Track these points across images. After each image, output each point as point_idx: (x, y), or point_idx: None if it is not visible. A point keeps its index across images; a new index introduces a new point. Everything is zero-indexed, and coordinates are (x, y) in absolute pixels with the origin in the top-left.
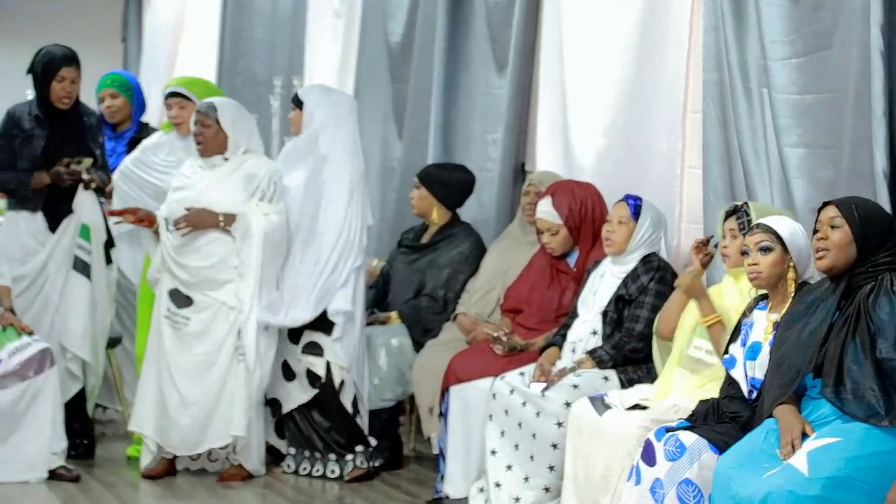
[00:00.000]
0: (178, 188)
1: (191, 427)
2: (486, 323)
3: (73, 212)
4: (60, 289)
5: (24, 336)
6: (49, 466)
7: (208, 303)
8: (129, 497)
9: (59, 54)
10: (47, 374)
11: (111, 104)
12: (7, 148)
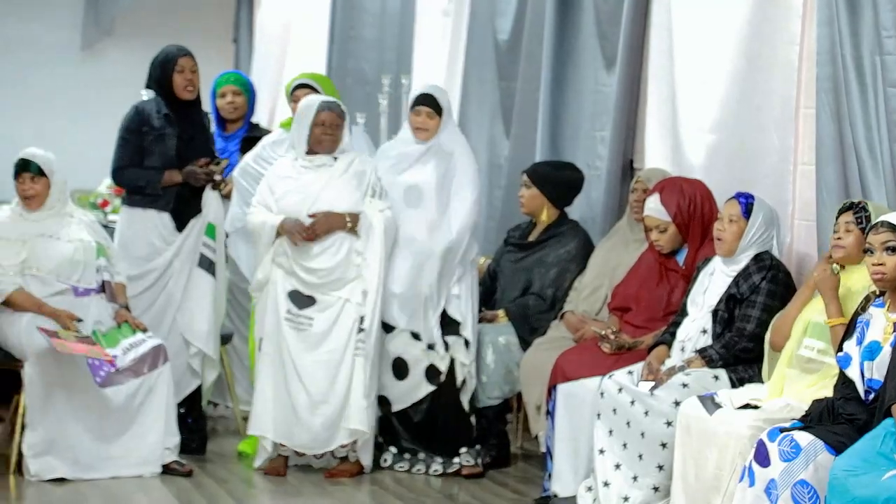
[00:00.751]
0: (289, 191)
1: (323, 426)
2: (593, 321)
3: (200, 212)
4: (184, 286)
5: (138, 333)
6: (162, 461)
7: (331, 301)
8: (241, 492)
9: (174, 49)
10: (161, 371)
11: (233, 101)
12: (135, 144)
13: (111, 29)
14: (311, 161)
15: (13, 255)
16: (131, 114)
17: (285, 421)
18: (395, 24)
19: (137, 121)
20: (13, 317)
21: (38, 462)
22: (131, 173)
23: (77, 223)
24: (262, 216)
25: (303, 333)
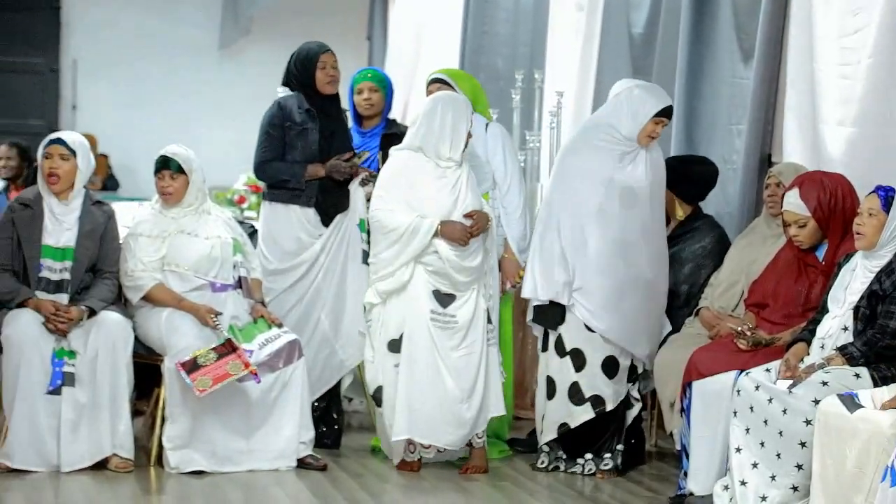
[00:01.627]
0: (436, 191)
1: (472, 419)
2: (729, 317)
3: (346, 208)
4: (336, 282)
5: (274, 328)
6: (298, 455)
7: (466, 296)
8: (376, 487)
9: (314, 45)
10: (296, 365)
11: (370, 97)
12: (278, 139)
13: (249, 28)
14: (449, 161)
15: (153, 252)
16: (274, 109)
17: (435, 420)
18: (528, 20)
19: (280, 116)
20: (153, 312)
21: (177, 455)
22: (275, 167)
23: (214, 220)
24: (407, 216)
25: (448, 331)
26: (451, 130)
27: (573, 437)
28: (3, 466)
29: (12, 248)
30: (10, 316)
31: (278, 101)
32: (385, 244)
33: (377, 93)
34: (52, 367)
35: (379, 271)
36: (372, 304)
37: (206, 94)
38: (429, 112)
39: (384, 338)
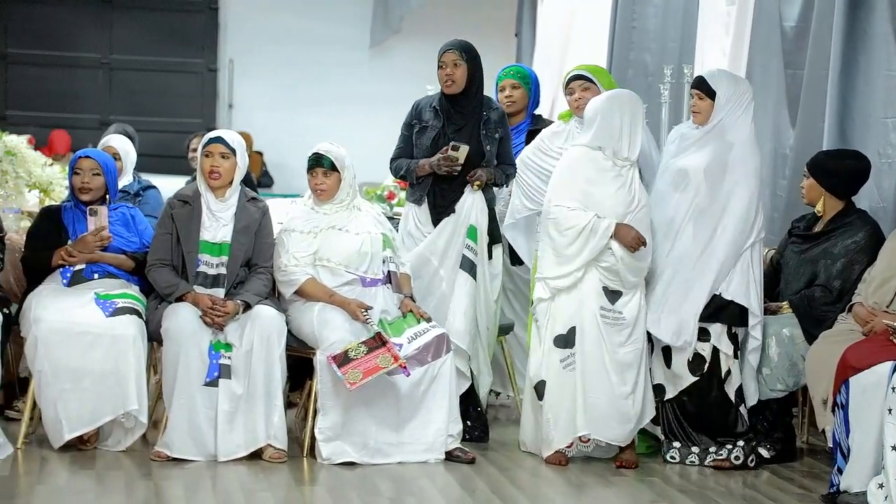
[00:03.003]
0: (611, 192)
1: (637, 414)
2: (884, 313)
3: (454, 212)
4: (443, 285)
5: (422, 322)
6: (446, 448)
7: (632, 293)
8: (524, 481)
9: (444, 44)
10: (444, 359)
11: (511, 94)
12: (408, 138)
13: (399, 27)
14: (626, 160)
15: (306, 247)
16: (410, 109)
17: (602, 416)
18: (677, 14)
19: (412, 115)
20: (305, 306)
21: (329, 446)
22: (397, 164)
23: (365, 216)
24: (585, 216)
25: (616, 327)
26: (630, 130)
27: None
28: (163, 455)
29: (171, 244)
30: (169, 309)
31: (417, 100)
32: (563, 242)
33: (518, 89)
34: (209, 359)
35: (550, 267)
36: (541, 299)
37: (356, 91)
38: (606, 111)
39: (551, 333)
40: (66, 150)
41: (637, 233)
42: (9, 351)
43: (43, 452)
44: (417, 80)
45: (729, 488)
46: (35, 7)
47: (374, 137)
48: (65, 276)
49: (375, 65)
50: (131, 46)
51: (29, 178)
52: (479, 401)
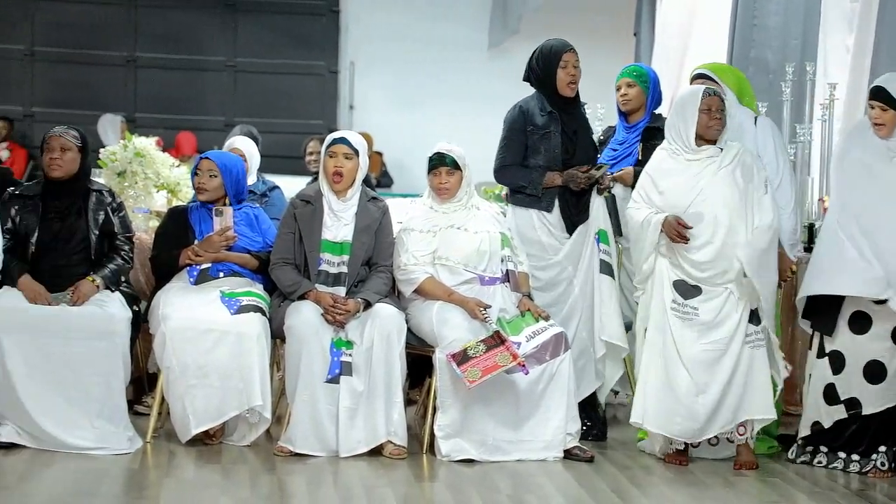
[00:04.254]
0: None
1: (705, 414)
2: None
3: (587, 219)
4: (588, 294)
5: (540, 321)
6: (564, 446)
7: (717, 292)
8: (642, 480)
9: (558, 43)
10: (563, 358)
11: (626, 93)
12: (519, 143)
13: (517, 28)
14: (699, 153)
15: (425, 246)
16: (515, 113)
17: (666, 410)
18: (799, 10)
19: (521, 120)
20: (424, 304)
21: (448, 443)
22: (514, 173)
23: (483, 215)
24: (643, 213)
25: (688, 323)
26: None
27: (843, 433)
28: (286, 450)
29: (294, 243)
30: (291, 307)
31: (519, 104)
32: (632, 240)
33: (633, 88)
34: (330, 356)
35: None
36: (639, 293)
37: (474, 92)
38: (673, 107)
39: (640, 325)
40: (192, 152)
41: (677, 223)
42: (138, 347)
43: (171, 446)
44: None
45: (850, 489)
46: (163, 12)
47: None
48: (191, 274)
49: (494, 66)
50: (255, 49)
51: (157, 179)
52: (599, 399)
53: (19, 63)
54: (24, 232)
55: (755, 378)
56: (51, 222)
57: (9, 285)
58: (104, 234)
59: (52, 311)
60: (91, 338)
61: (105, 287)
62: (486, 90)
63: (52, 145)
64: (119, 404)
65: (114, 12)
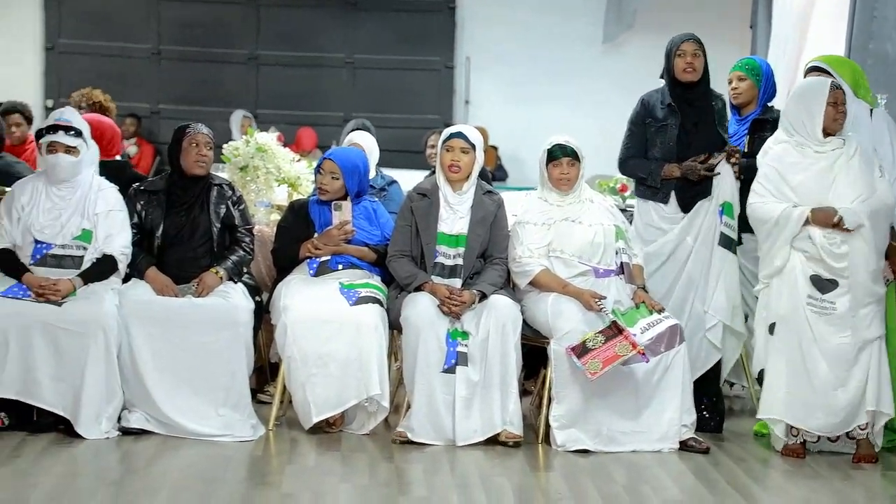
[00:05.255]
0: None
1: (844, 408)
2: None
3: (710, 194)
4: (705, 264)
5: (655, 313)
6: (680, 438)
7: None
8: (758, 472)
9: (679, 35)
10: (678, 350)
11: (737, 86)
12: (639, 136)
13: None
14: (824, 145)
15: (539, 239)
16: (637, 106)
17: (802, 404)
18: None
19: (642, 113)
20: (540, 296)
21: (563, 433)
22: (634, 164)
23: (597, 207)
24: (780, 207)
25: (826, 317)
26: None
27: None
28: (404, 438)
29: (411, 236)
30: (408, 299)
31: (642, 97)
32: (761, 235)
33: (744, 81)
34: (446, 346)
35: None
36: (760, 287)
37: (589, 87)
38: (789, 101)
39: (767, 320)
40: (312, 147)
41: (833, 211)
42: (260, 337)
43: (292, 434)
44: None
45: None
46: (284, 11)
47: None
48: (311, 266)
49: (608, 60)
50: (373, 46)
51: (278, 174)
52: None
53: (146, 62)
54: (150, 226)
55: (883, 371)
56: (175, 216)
57: (136, 278)
58: (226, 226)
59: (179, 303)
60: (215, 328)
61: (228, 278)
62: (600, 84)
63: (199, 141)
64: (242, 393)
65: (237, 11)
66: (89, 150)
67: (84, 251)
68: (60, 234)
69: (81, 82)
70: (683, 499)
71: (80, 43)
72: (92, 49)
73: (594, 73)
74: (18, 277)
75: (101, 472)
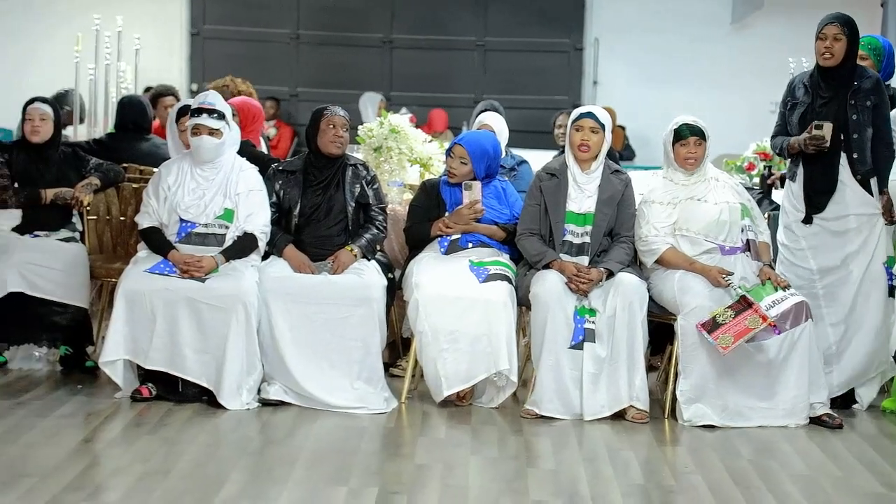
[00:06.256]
0: None
1: None
2: None
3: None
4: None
5: (780, 290)
6: (813, 413)
7: None
8: (888, 449)
9: (827, 15)
10: (804, 326)
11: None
12: (782, 115)
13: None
14: None
15: (665, 218)
16: (787, 86)
17: None
18: None
19: (787, 93)
20: (666, 274)
21: (690, 408)
22: (775, 142)
23: (723, 186)
24: None
25: None
26: None
27: None
28: (532, 413)
29: (539, 214)
30: (537, 276)
31: (792, 78)
32: None
33: (866, 60)
34: (574, 323)
35: None
36: None
37: (717, 67)
38: None
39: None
40: (443, 128)
41: None
42: (393, 313)
43: (424, 407)
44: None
45: None
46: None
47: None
48: (442, 244)
49: (736, 40)
50: (503, 29)
51: (410, 154)
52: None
53: (285, 46)
54: (288, 205)
55: None
56: (312, 195)
57: (275, 255)
58: (360, 205)
59: (315, 280)
60: (350, 304)
61: (362, 256)
62: (728, 65)
63: (336, 123)
64: (376, 367)
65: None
66: (231, 132)
67: (226, 229)
68: (204, 213)
69: (224, 66)
70: (810, 474)
71: (224, 28)
72: (234, 34)
73: (722, 53)
74: (165, 255)
75: (242, 441)
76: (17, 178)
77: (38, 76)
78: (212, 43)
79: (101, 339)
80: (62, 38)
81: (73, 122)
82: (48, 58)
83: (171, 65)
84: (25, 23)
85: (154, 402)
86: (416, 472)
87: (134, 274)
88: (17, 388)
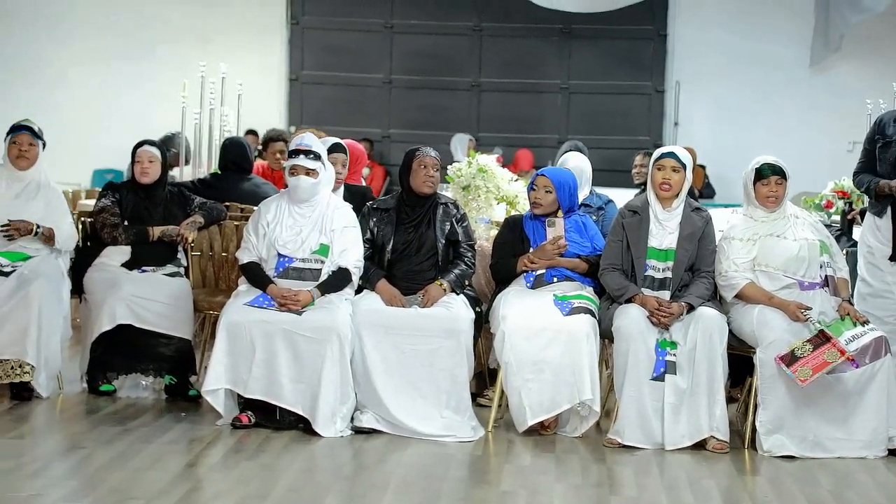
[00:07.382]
0: None
1: None
2: None
3: None
4: None
5: (859, 325)
6: (889, 446)
7: None
8: None
9: None
10: (883, 361)
11: None
12: (868, 151)
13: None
14: None
15: (745, 254)
16: (873, 124)
17: None
18: None
19: (874, 130)
20: (746, 308)
21: (769, 439)
22: (861, 179)
23: (802, 223)
24: None
25: None
26: None
27: None
28: (615, 442)
29: (622, 250)
30: (619, 310)
31: (880, 115)
32: None
33: None
34: (655, 355)
35: None
36: None
37: (795, 108)
38: None
39: None
40: (529, 167)
41: None
42: (480, 345)
43: (509, 436)
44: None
45: None
46: (504, 41)
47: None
48: (528, 280)
49: (815, 82)
50: (587, 72)
51: (497, 192)
52: None
53: (379, 90)
54: (382, 241)
55: None
56: (404, 232)
57: (368, 289)
58: (450, 242)
59: (406, 313)
60: (439, 336)
61: (451, 290)
62: (806, 106)
63: (427, 163)
64: (464, 396)
65: (461, 42)
66: (326, 172)
67: (322, 264)
68: (301, 248)
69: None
70: None
71: (320, 74)
72: (330, 79)
73: (801, 94)
74: (264, 288)
75: (336, 467)
76: (127, 217)
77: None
78: (309, 88)
79: (203, 369)
80: (170, 84)
81: (180, 164)
82: (157, 103)
83: (270, 108)
84: (138, 68)
85: (253, 429)
86: (501, 498)
87: (235, 307)
88: (124, 416)
